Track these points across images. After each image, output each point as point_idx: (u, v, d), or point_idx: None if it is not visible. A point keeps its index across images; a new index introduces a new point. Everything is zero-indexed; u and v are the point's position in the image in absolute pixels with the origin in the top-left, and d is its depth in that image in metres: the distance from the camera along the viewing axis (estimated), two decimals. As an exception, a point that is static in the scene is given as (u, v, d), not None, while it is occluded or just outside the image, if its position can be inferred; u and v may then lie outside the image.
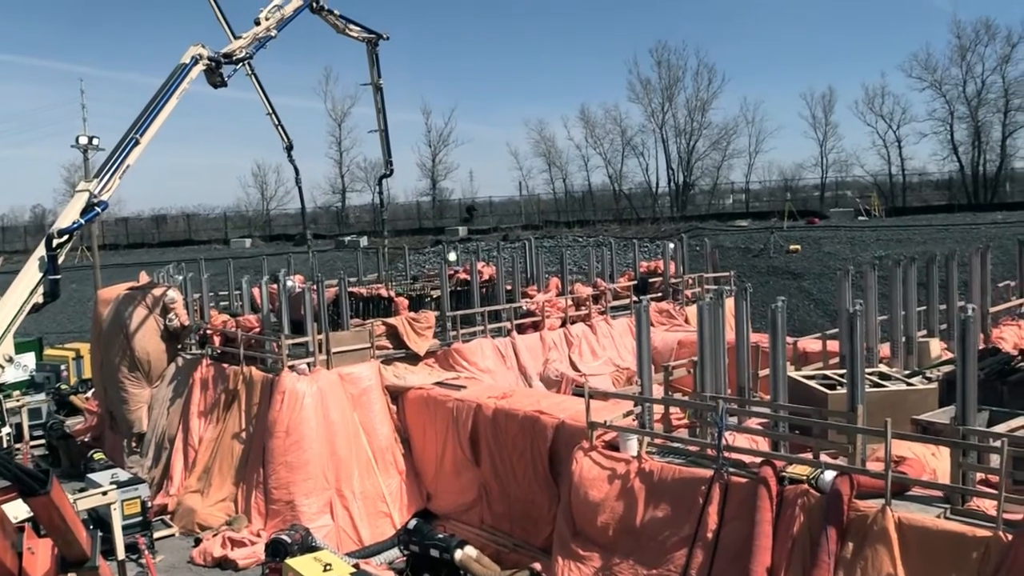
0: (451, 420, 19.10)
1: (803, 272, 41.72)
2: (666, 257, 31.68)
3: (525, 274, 34.08)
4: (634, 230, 54.70)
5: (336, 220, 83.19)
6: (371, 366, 20.57)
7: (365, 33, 28.74)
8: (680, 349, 26.40)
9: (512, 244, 51.03)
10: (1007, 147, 66.15)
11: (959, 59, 66.34)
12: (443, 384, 20.51)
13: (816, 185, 75.11)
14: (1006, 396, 15.23)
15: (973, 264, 21.15)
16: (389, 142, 30.64)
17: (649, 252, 45.38)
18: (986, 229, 44.86)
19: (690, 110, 74.20)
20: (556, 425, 16.63)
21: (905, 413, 13.00)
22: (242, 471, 19.23)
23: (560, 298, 26.61)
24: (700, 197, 76.83)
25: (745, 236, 48.42)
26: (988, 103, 65.89)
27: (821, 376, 14.16)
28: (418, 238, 60.55)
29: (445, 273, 25.55)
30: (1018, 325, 22.70)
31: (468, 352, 22.88)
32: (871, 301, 17.24)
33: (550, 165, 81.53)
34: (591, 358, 25.61)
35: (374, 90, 29.78)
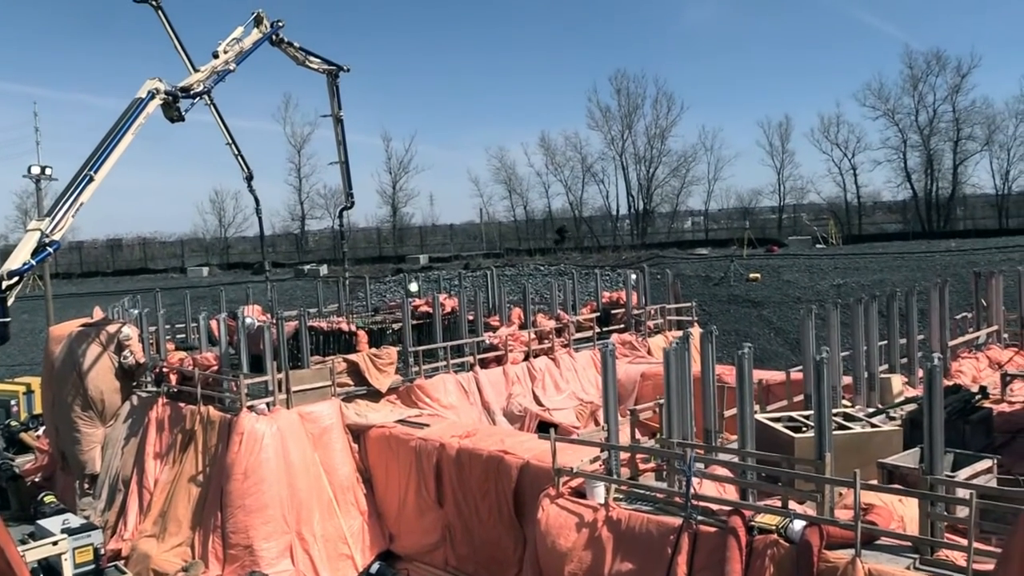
0: (414, 459, 18.83)
1: (763, 301, 42.05)
2: (628, 288, 31.69)
3: (487, 304, 33.97)
4: (595, 258, 54.90)
5: (295, 246, 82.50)
6: (332, 404, 20.23)
7: (325, 65, 28.59)
8: (643, 382, 26.41)
9: (473, 272, 50.89)
10: (958, 175, 67.65)
11: (911, 89, 67.98)
12: (406, 422, 20.24)
13: (773, 208, 76.15)
14: (968, 435, 15.36)
15: (932, 298, 21.38)
16: (350, 174, 30.50)
17: (611, 281, 45.50)
18: (940, 257, 45.64)
19: (649, 137, 75.04)
20: (521, 466, 16.48)
21: (870, 455, 12.99)
22: (199, 514, 18.72)
23: (523, 331, 26.45)
24: (660, 221, 77.41)
25: (705, 264, 48.78)
26: (939, 132, 67.51)
27: (787, 418, 14.14)
28: (379, 266, 60.23)
29: (407, 307, 25.27)
30: (975, 358, 22.95)
31: (431, 388, 22.61)
32: (834, 339, 17.33)
33: (511, 192, 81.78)
34: (554, 392, 25.46)
35: (334, 122, 29.63)
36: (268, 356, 19.71)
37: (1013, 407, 18.87)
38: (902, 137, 68.55)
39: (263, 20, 24.87)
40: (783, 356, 37.31)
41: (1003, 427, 17.17)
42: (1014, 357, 22.65)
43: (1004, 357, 23.33)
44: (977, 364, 22.43)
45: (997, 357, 23.33)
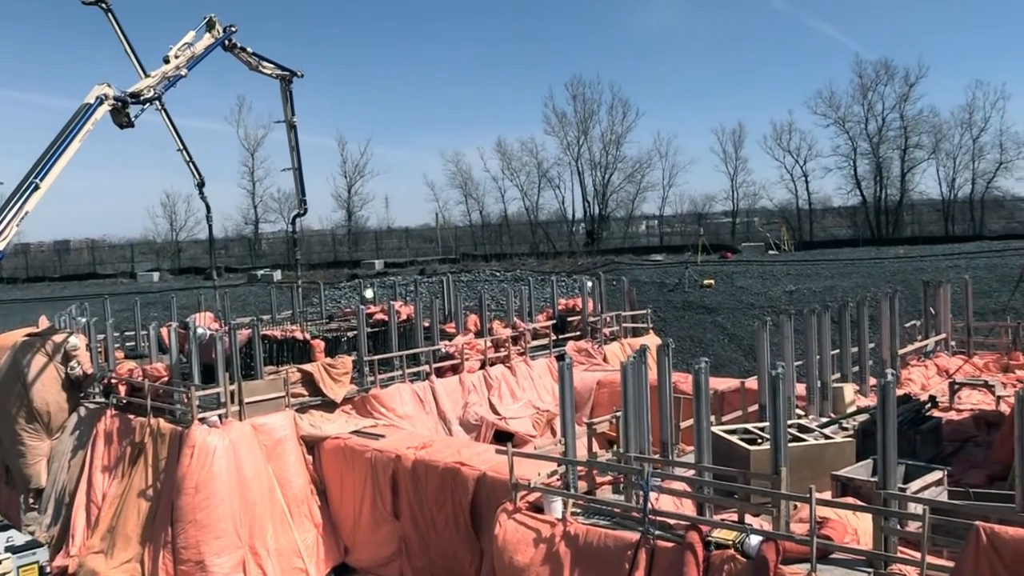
0: (369, 471, 18.64)
1: (717, 307, 42.40)
2: (584, 295, 31.75)
3: (443, 311, 33.82)
4: (551, 264, 54.96)
5: (249, 250, 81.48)
6: (286, 415, 19.94)
7: (279, 70, 28.23)
8: (599, 389, 26.46)
9: (429, 279, 50.71)
10: (906, 182, 68.98)
11: (861, 98, 69.16)
12: (361, 433, 20.03)
13: (727, 212, 76.96)
14: (918, 445, 15.63)
15: (883, 308, 21.73)
16: (303, 180, 30.07)
17: (567, 287, 45.57)
18: (889, 264, 46.45)
19: (605, 143, 75.39)
20: (477, 477, 16.40)
21: (824, 467, 13.15)
22: (149, 530, 18.31)
23: (479, 340, 26.35)
24: (616, 226, 77.82)
25: (660, 270, 49.10)
26: (888, 140, 68.80)
27: (742, 430, 14.24)
28: (333, 272, 59.68)
29: (362, 315, 25.05)
30: (925, 365, 23.39)
31: (386, 398, 22.40)
32: (788, 350, 17.51)
33: (467, 197, 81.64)
34: (511, 400, 25.38)
35: (287, 128, 29.25)
36: (220, 366, 19.37)
37: (961, 415, 19.25)
38: (852, 145, 69.86)
39: (215, 25, 24.48)
40: (737, 362, 37.66)
41: (952, 436, 17.51)
42: (963, 366, 23.08)
43: (952, 365, 23.82)
44: (926, 372, 22.85)
45: (945, 365, 23.81)
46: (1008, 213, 70.14)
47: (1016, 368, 23.53)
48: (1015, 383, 21.71)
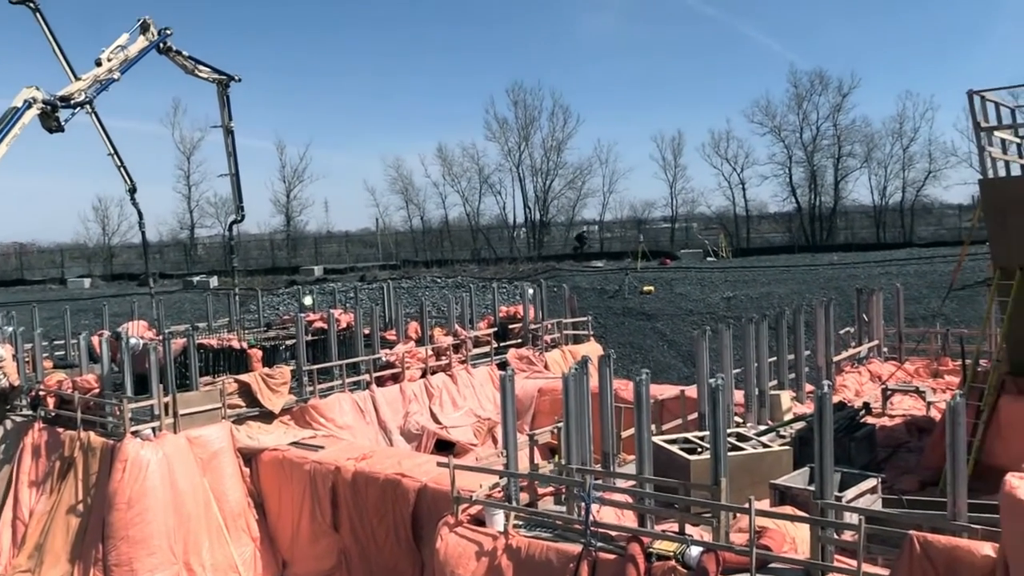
0: (308, 483, 18.36)
1: (656, 313, 42.79)
2: (525, 302, 31.77)
3: (384, 318, 33.56)
4: (493, 270, 54.91)
5: (184, 255, 79.90)
6: (222, 427, 19.55)
7: (215, 74, 27.75)
8: (541, 397, 26.51)
9: (370, 285, 50.24)
10: (840, 190, 70.54)
11: (796, 107, 70.54)
12: (299, 444, 19.73)
13: (665, 218, 77.86)
14: (853, 452, 15.94)
15: (818, 316, 22.12)
16: (240, 186, 29.59)
17: (508, 293, 45.61)
18: (823, 270, 47.38)
19: (546, 150, 75.61)
20: (418, 489, 16.27)
21: (762, 475, 13.32)
22: (79, 547, 17.76)
23: (420, 348, 26.19)
24: (557, 231, 78.17)
25: (601, 277, 49.38)
26: (822, 149, 70.28)
27: (683, 440, 14.35)
28: (272, 278, 58.76)
29: (301, 323, 24.67)
30: (858, 372, 23.90)
31: (326, 408, 22.11)
32: (727, 358, 17.71)
33: (408, 202, 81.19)
34: (452, 409, 25.26)
35: (224, 133, 28.77)
36: (154, 377, 18.90)
37: (894, 421, 19.70)
38: (788, 153, 71.19)
39: (150, 27, 23.98)
40: (676, 368, 38.03)
41: (885, 442, 17.90)
42: (895, 372, 23.61)
43: (884, 371, 24.36)
44: (860, 378, 23.34)
45: (878, 371, 24.36)
46: (936, 220, 72.29)
47: (945, 373, 24.16)
48: (944, 388, 22.31)
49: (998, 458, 14.66)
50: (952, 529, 9.58)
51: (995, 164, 15.69)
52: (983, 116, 15.09)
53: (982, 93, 15.12)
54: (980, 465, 14.63)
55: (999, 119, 15.79)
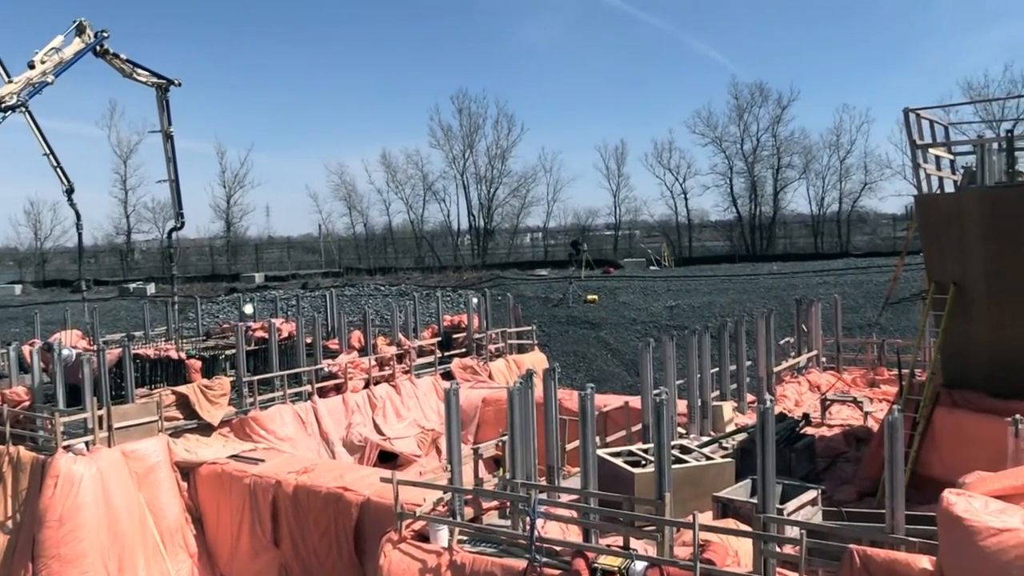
0: (248, 497, 18.01)
1: (600, 322, 43.01)
2: (469, 311, 31.70)
3: (326, 327, 33.16)
4: (437, 278, 54.67)
5: (120, 261, 78.11)
6: (159, 440, 19.08)
7: (154, 78, 27.20)
8: (485, 407, 26.41)
9: (312, 293, 49.69)
10: (779, 201, 71.80)
11: (737, 118, 71.67)
12: (239, 457, 19.36)
13: (609, 225, 78.49)
14: (793, 463, 16.15)
15: (759, 327, 22.41)
16: (180, 193, 29.02)
17: (452, 302, 45.48)
18: (764, 280, 48.11)
19: (490, 158, 75.61)
20: (361, 503, 16.08)
21: (705, 488, 13.41)
22: (8, 567, 17.16)
23: (363, 358, 25.91)
24: (501, 238, 78.27)
25: (545, 285, 49.50)
26: (762, 160, 71.49)
27: (627, 453, 14.38)
28: (211, 285, 57.70)
29: (241, 333, 24.22)
30: (798, 382, 24.28)
31: (266, 420, 21.73)
32: (670, 370, 17.84)
33: (351, 209, 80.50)
34: (395, 420, 25.04)
35: (164, 138, 28.19)
36: (87, 390, 18.37)
37: (832, 431, 20.02)
38: (728, 164, 72.25)
39: (86, 29, 23.39)
40: (620, 377, 38.25)
41: (824, 452, 18.18)
42: (836, 383, 24.02)
43: (823, 381, 24.79)
44: (799, 388, 23.71)
45: (817, 381, 24.78)
46: (871, 229, 74.12)
47: (881, 383, 24.68)
48: (881, 398, 22.77)
49: (933, 469, 15.01)
50: (891, 543, 9.73)
51: (930, 180, 16.07)
52: (918, 133, 15.44)
53: (918, 111, 15.48)
54: (916, 475, 14.92)
55: (933, 136, 16.18)
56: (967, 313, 15.24)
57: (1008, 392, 14.81)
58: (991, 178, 15.10)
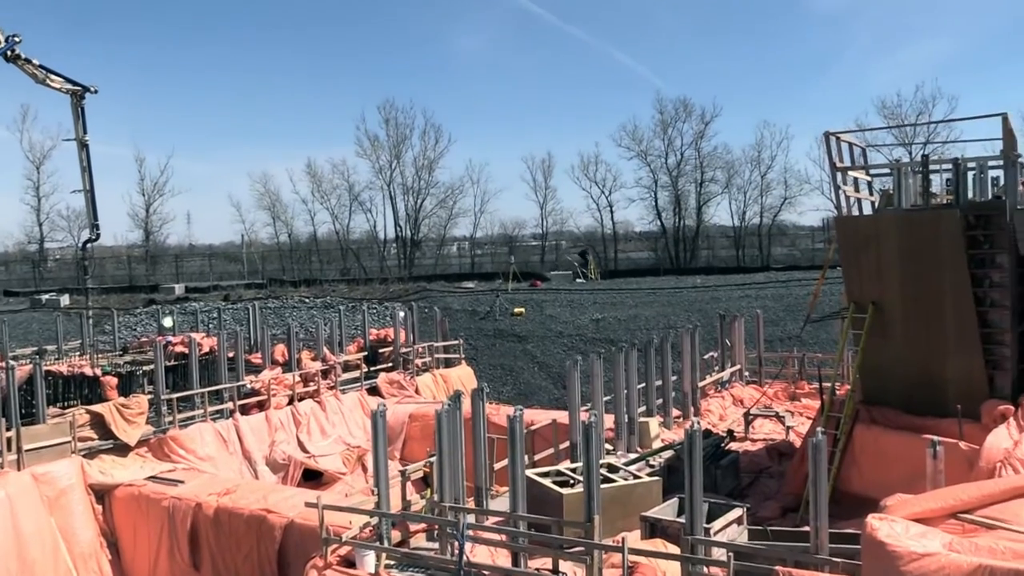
0: (167, 520, 17.50)
1: (527, 335, 43.04)
2: (396, 325, 31.44)
3: (249, 340, 32.51)
4: (363, 290, 54.05)
5: (32, 269, 75.38)
6: (72, 462, 18.40)
7: (69, 85, 26.33)
8: (412, 423, 26.21)
9: (234, 305, 48.67)
10: (702, 214, 73.09)
11: (662, 133, 72.75)
12: (157, 479, 18.80)
13: (535, 236, 78.81)
14: (719, 479, 16.35)
15: (684, 342, 22.68)
16: (95, 203, 28.07)
17: (378, 315, 45.04)
18: (688, 293, 48.77)
19: (417, 168, 75.23)
20: (285, 525, 15.78)
21: (633, 507, 13.44)
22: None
23: (287, 374, 25.43)
24: (428, 248, 77.96)
25: (472, 298, 49.35)
26: (686, 174, 72.63)
27: (555, 472, 14.36)
28: (129, 297, 55.99)
29: (160, 349, 23.54)
30: (722, 396, 24.64)
31: (186, 439, 21.11)
32: (597, 388, 17.90)
33: (275, 219, 79.21)
34: (320, 437, 24.62)
35: (79, 146, 27.26)
36: (-5, 411, 17.65)
37: (756, 445, 20.36)
38: (653, 177, 73.22)
39: (-4, 34, 22.54)
40: (546, 390, 38.32)
41: (748, 467, 18.45)
42: (761, 398, 24.45)
43: (746, 395, 25.23)
44: (723, 403, 24.07)
45: (740, 395, 25.20)
46: (791, 242, 76.04)
47: (802, 396, 25.22)
48: (802, 412, 23.25)
49: (853, 484, 15.37)
50: (815, 563, 9.88)
51: (849, 202, 16.49)
52: (838, 156, 15.83)
53: (838, 134, 15.87)
54: (836, 491, 15.22)
55: (852, 159, 16.62)
56: (884, 332, 15.67)
57: (923, 409, 15.30)
58: (907, 200, 15.57)
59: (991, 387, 14.93)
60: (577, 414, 16.65)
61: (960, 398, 14.61)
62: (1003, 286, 14.71)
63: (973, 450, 13.62)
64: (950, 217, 14.72)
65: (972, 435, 14.18)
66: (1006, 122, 14.53)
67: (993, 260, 14.77)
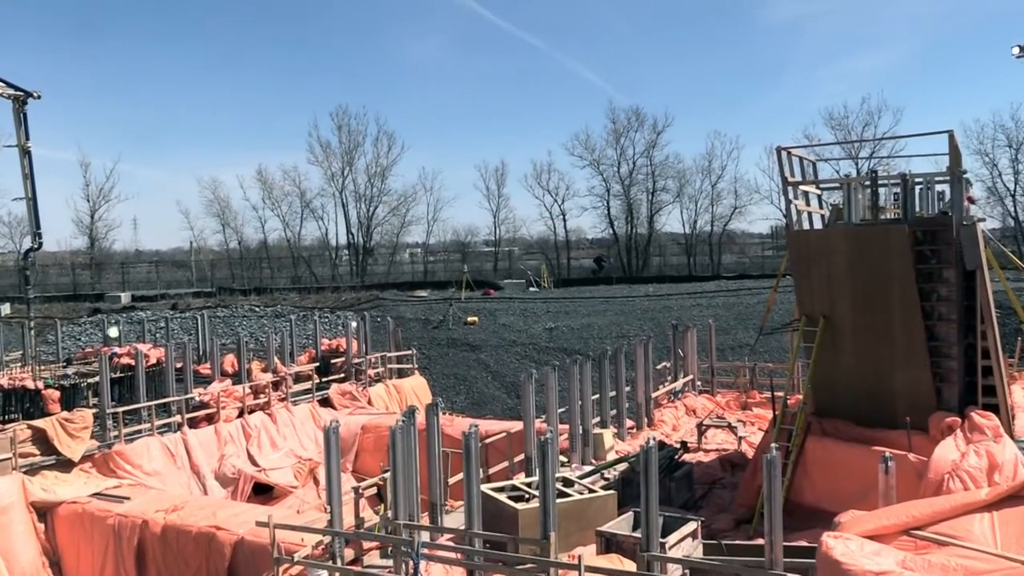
0: (112, 538, 17.12)
1: (481, 344, 42.96)
2: (348, 334, 31.15)
3: (198, 351, 31.98)
4: (314, 299, 53.48)
5: (-29, 278, 73.31)
6: (12, 480, 17.91)
7: (10, 90, 25.62)
8: (364, 434, 25.97)
9: (182, 314, 47.83)
10: (654, 223, 73.64)
11: (614, 142, 73.13)
12: (102, 496, 18.37)
13: (488, 242, 78.62)
14: (672, 492, 16.39)
15: (637, 353, 22.76)
16: (37, 211, 27.30)
17: (330, 324, 44.57)
18: (640, 301, 49.10)
19: (370, 176, 74.69)
20: (235, 543, 15.52)
21: (588, 521, 13.40)
22: None
23: (237, 387, 25.01)
24: (380, 255, 77.46)
25: (425, 307, 49.14)
26: (638, 183, 73.07)
27: (510, 487, 14.27)
28: (72, 305, 54.72)
29: (105, 361, 23.01)
30: (675, 406, 24.77)
31: (132, 454, 20.66)
32: (552, 400, 17.86)
33: (224, 226, 78.01)
34: (271, 450, 24.25)
35: (21, 153, 26.50)
36: (-68, 427, 17.10)
37: (708, 456, 20.46)
38: (606, 186, 73.60)
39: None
40: (500, 399, 38.26)
41: (701, 478, 18.52)
42: (714, 409, 24.62)
43: (699, 404, 25.41)
44: (676, 413, 24.19)
45: (692, 405, 25.37)
46: (740, 249, 77.02)
47: (754, 406, 25.45)
48: (753, 421, 23.47)
49: (805, 495, 15.50)
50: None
51: (800, 216, 16.67)
52: (790, 171, 16.00)
53: (789, 149, 16.05)
54: (788, 502, 15.30)
55: (803, 173, 16.81)
56: (835, 345, 15.85)
57: (873, 421, 15.50)
58: (856, 215, 15.78)
59: (939, 399, 15.18)
60: (532, 427, 16.62)
61: (909, 410, 14.83)
62: (950, 300, 14.97)
63: (922, 462, 13.82)
64: (899, 232, 14.94)
65: (921, 447, 14.39)
66: (952, 139, 14.80)
67: (940, 274, 15.03)
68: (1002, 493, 8.68)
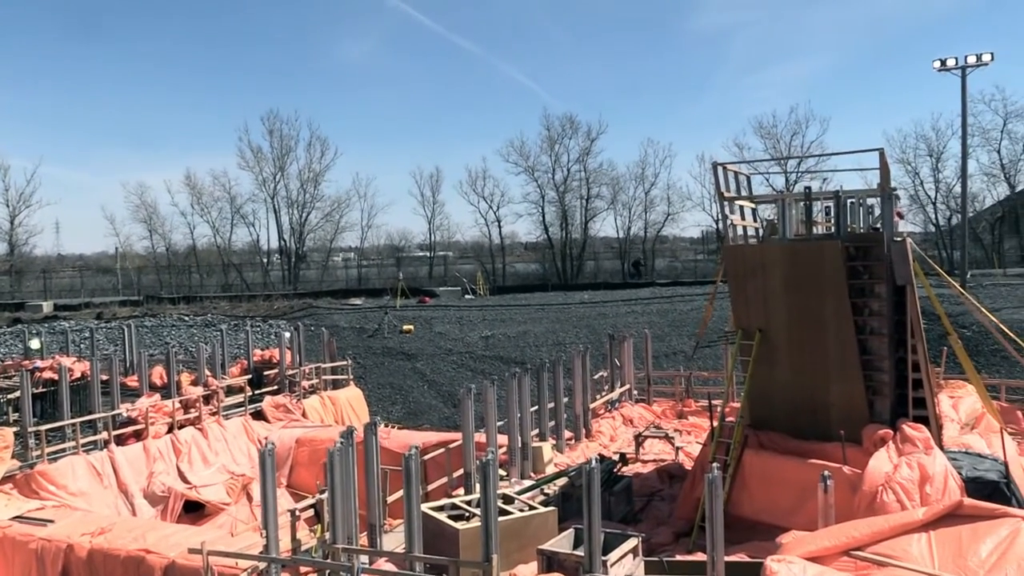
0: (35, 564, 16.43)
1: (417, 353, 42.64)
2: (282, 346, 30.60)
3: (125, 362, 31.15)
4: (246, 307, 52.50)
5: None
6: (-73, 504, 17.11)
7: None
8: (299, 448, 25.48)
9: (108, 324, 46.50)
10: (588, 229, 74.18)
11: (549, 149, 73.47)
12: (24, 519, 17.63)
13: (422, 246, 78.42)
14: (612, 506, 16.40)
15: (575, 364, 22.79)
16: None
17: (262, 333, 43.79)
18: (575, 308, 49.32)
19: (303, 181, 73.78)
20: (166, 567, 14.98)
21: (528, 539, 13.29)
22: None
23: (166, 401, 24.33)
24: (314, 261, 76.62)
25: (360, 315, 48.59)
26: (572, 190, 73.52)
27: (450, 506, 14.10)
28: (-10, 315, 52.90)
29: (27, 376, 22.18)
30: (612, 416, 24.87)
31: (56, 474, 19.90)
32: (491, 415, 17.74)
33: (152, 232, 76.19)
34: (202, 466, 23.62)
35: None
36: None
37: (646, 467, 20.58)
38: (540, 193, 73.91)
39: None
40: (437, 409, 38.00)
41: (639, 490, 18.59)
42: (653, 420, 24.78)
43: (635, 414, 25.58)
44: (614, 423, 24.29)
45: (629, 414, 25.51)
46: (672, 254, 78.30)
47: (690, 414, 25.71)
48: (690, 430, 23.72)
49: (743, 508, 15.67)
50: (712, 598, 9.95)
51: (736, 230, 16.87)
52: (726, 186, 16.17)
53: (725, 165, 16.23)
54: (727, 515, 15.39)
55: (739, 188, 17.02)
56: (771, 359, 16.08)
57: (809, 434, 15.76)
58: (791, 230, 16.03)
59: (871, 412, 15.49)
60: (471, 442, 16.48)
61: (843, 423, 15.10)
62: (881, 315, 15.29)
63: (856, 474, 14.07)
64: (832, 248, 15.21)
65: (855, 459, 14.66)
66: (883, 157, 15.14)
67: (872, 289, 15.35)
68: (939, 513, 8.84)
